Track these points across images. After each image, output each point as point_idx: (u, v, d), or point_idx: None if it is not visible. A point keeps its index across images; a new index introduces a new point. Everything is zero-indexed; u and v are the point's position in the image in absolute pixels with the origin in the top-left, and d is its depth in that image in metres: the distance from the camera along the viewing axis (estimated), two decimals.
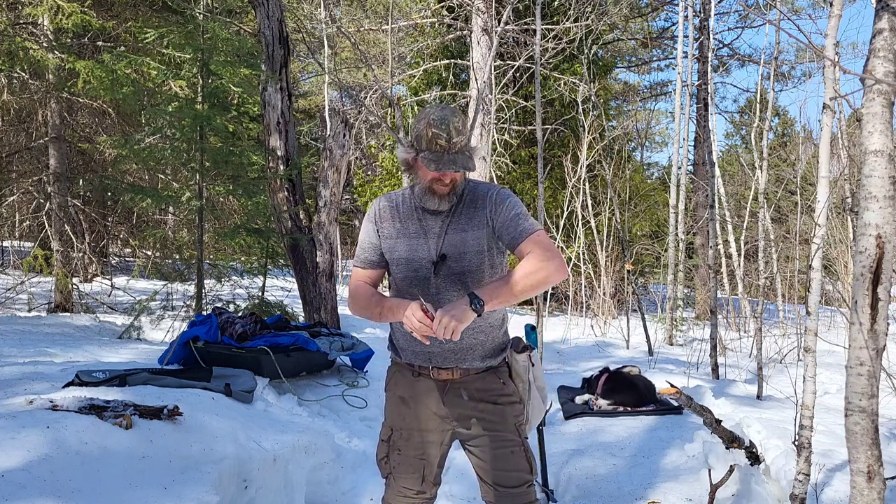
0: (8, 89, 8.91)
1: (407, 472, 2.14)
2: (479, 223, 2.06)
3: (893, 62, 2.21)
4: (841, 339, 4.96)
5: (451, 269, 2.05)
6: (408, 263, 2.07)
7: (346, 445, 3.81)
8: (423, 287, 2.05)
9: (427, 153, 1.95)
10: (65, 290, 8.65)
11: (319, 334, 5.00)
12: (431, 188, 2.02)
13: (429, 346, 2.05)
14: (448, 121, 1.94)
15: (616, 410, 4.71)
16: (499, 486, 2.11)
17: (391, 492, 2.18)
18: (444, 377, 2.11)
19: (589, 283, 12.21)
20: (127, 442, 2.68)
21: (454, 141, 1.93)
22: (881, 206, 2.20)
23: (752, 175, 12.13)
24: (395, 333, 2.18)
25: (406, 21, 13.90)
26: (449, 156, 1.93)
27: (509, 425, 2.12)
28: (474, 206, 2.07)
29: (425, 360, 2.11)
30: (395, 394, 2.19)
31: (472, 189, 2.11)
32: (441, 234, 2.06)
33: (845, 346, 2.42)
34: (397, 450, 2.16)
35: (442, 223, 2.07)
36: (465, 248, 2.05)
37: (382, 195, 2.20)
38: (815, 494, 3.12)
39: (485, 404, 2.11)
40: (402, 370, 2.18)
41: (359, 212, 20.09)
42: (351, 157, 13.87)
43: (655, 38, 18.64)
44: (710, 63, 7.39)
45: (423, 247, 2.07)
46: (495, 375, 2.14)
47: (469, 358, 2.10)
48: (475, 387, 2.11)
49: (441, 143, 1.93)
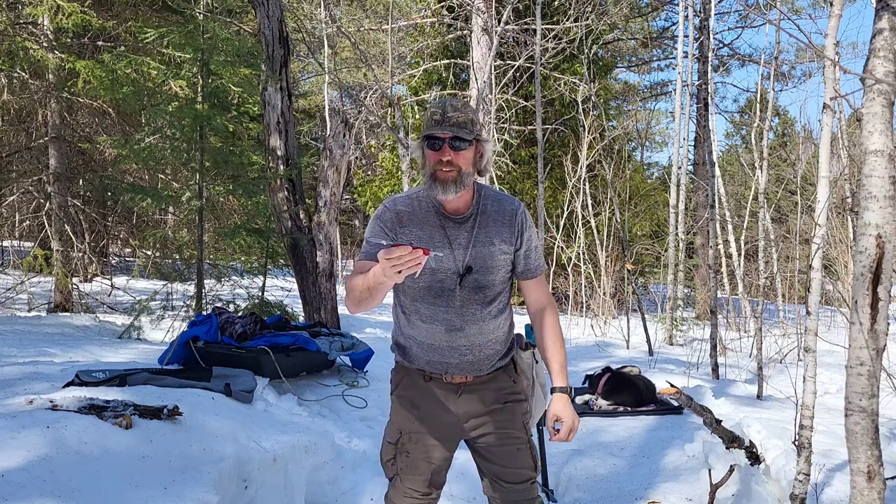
0: (8, 89, 8.91)
1: (414, 474, 2.14)
2: (509, 239, 2.06)
3: (893, 62, 2.21)
4: (841, 339, 4.95)
5: (476, 282, 2.04)
6: (433, 274, 2.02)
7: (346, 445, 3.80)
8: (448, 299, 2.03)
9: (424, 130, 1.96)
10: (65, 290, 8.65)
11: (319, 334, 5.00)
12: (435, 175, 1.96)
13: (447, 357, 2.08)
14: (445, 101, 1.96)
15: (616, 410, 4.71)
16: (503, 482, 2.12)
17: (396, 492, 2.17)
18: (457, 381, 2.12)
19: (589, 283, 12.21)
20: (127, 442, 2.68)
21: (449, 115, 1.92)
22: (881, 206, 2.20)
23: (752, 175, 12.12)
24: (408, 341, 2.15)
25: (406, 21, 13.90)
26: (442, 126, 1.92)
27: (517, 422, 2.14)
28: (501, 220, 2.06)
29: (441, 368, 2.11)
30: (404, 397, 2.18)
31: (495, 198, 2.09)
32: (467, 246, 2.03)
33: (845, 346, 2.41)
34: (405, 452, 2.15)
35: (468, 233, 2.04)
36: (494, 262, 2.05)
37: (395, 198, 2.11)
38: (815, 494, 3.12)
39: (496, 403, 2.13)
40: (412, 374, 2.16)
41: (359, 212, 20.10)
42: (351, 157, 13.86)
43: (655, 38, 18.64)
44: (710, 63, 7.39)
45: (448, 257, 2.03)
46: (506, 374, 2.17)
47: (485, 367, 2.12)
48: (487, 387, 2.13)
49: (436, 118, 1.93)
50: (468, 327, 2.05)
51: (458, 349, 2.07)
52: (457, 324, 2.04)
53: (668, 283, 10.60)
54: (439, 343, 2.07)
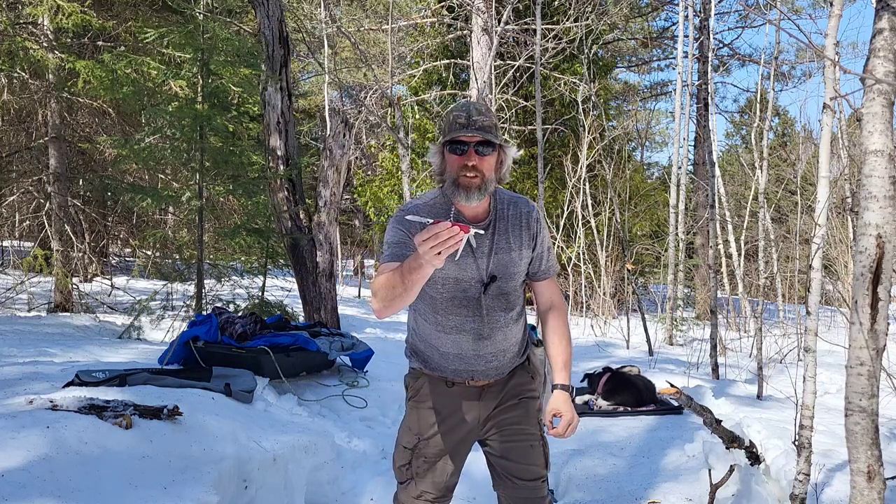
0: (8, 89, 8.91)
1: (430, 477, 2.13)
2: (527, 244, 2.04)
3: (893, 62, 2.21)
4: (841, 339, 4.95)
5: (500, 289, 2.03)
6: (456, 283, 1.99)
7: (346, 445, 3.80)
8: (474, 308, 2.00)
9: (448, 134, 1.90)
10: (65, 290, 8.65)
11: (319, 334, 5.00)
12: (457, 181, 1.91)
13: (473, 365, 2.07)
14: (469, 104, 1.93)
15: (616, 410, 4.71)
16: (515, 479, 2.12)
17: (407, 495, 2.15)
18: (480, 384, 2.12)
19: (589, 283, 12.21)
20: (127, 442, 2.68)
21: (474, 118, 1.88)
22: (881, 206, 2.20)
23: (752, 175, 12.12)
24: (430, 350, 2.13)
25: (406, 21, 13.90)
26: (469, 130, 1.87)
27: (532, 419, 2.15)
28: (519, 224, 2.04)
29: (467, 376, 2.10)
30: (424, 404, 2.15)
31: (512, 202, 2.06)
32: (489, 254, 2.00)
33: (845, 346, 2.41)
34: (423, 457, 2.13)
35: (489, 241, 2.00)
36: (516, 268, 2.04)
37: (413, 203, 2.04)
38: (815, 494, 3.12)
39: (512, 399, 2.14)
40: (433, 381, 2.14)
41: (359, 212, 20.10)
42: (351, 157, 13.87)
43: (655, 38, 18.64)
44: (710, 63, 7.39)
45: (471, 266, 1.99)
46: (523, 370, 2.19)
47: (507, 368, 2.14)
48: (508, 384, 2.15)
49: (461, 122, 1.88)
50: (495, 334, 2.05)
51: (484, 357, 2.06)
52: (485, 332, 2.03)
53: (668, 283, 10.60)
54: (466, 352, 2.06)
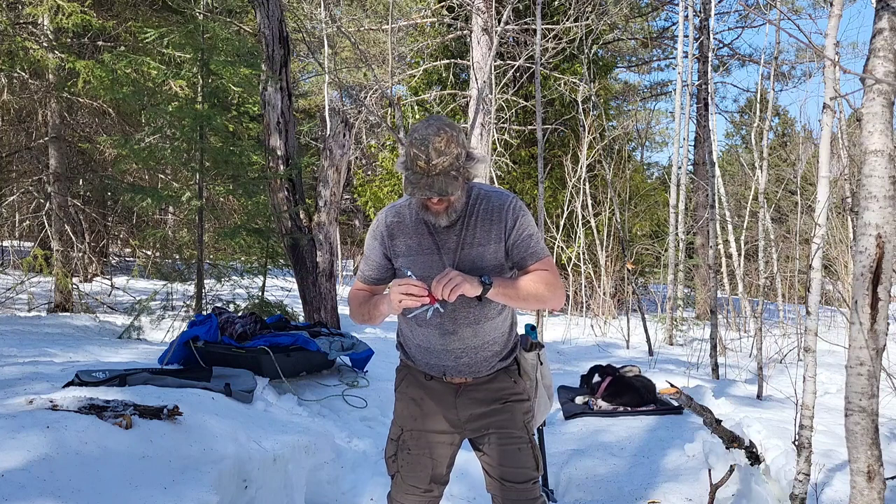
0: (8, 89, 8.91)
1: (415, 470, 2.16)
2: (497, 237, 2.01)
3: (893, 62, 2.21)
4: (841, 339, 4.96)
5: None
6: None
7: (346, 445, 3.80)
8: (440, 304, 2.00)
9: (409, 174, 1.87)
10: (65, 290, 8.65)
11: (319, 334, 5.00)
12: (425, 205, 1.97)
13: (443, 360, 2.08)
14: (429, 141, 1.82)
15: (616, 410, 4.71)
16: (505, 481, 2.13)
17: (398, 489, 2.19)
18: (456, 382, 2.13)
19: (589, 283, 12.22)
20: (127, 442, 2.68)
21: (434, 163, 1.82)
22: (881, 206, 2.21)
23: (752, 175, 12.12)
24: (407, 343, 2.18)
25: (406, 21, 13.90)
26: (427, 179, 1.83)
27: (518, 423, 2.14)
28: (489, 219, 2.01)
29: (439, 370, 2.12)
30: (406, 395, 2.20)
31: (485, 198, 2.03)
32: (456, 250, 2.01)
33: (845, 346, 2.42)
34: (407, 449, 2.17)
35: (456, 237, 2.01)
36: (483, 262, 2.01)
37: (387, 208, 2.13)
38: (815, 494, 3.12)
39: (496, 403, 2.13)
40: (414, 373, 2.19)
41: (359, 212, 20.11)
42: (351, 157, 13.87)
43: (655, 38, 18.63)
44: (710, 63, 7.39)
45: (437, 263, 2.01)
46: (507, 374, 2.17)
47: (484, 368, 2.12)
48: (487, 387, 2.13)
49: (420, 165, 1.83)
50: (461, 330, 2.05)
51: (452, 352, 2.07)
52: (449, 327, 2.05)
53: (668, 283, 10.60)
54: (434, 346, 2.09)
